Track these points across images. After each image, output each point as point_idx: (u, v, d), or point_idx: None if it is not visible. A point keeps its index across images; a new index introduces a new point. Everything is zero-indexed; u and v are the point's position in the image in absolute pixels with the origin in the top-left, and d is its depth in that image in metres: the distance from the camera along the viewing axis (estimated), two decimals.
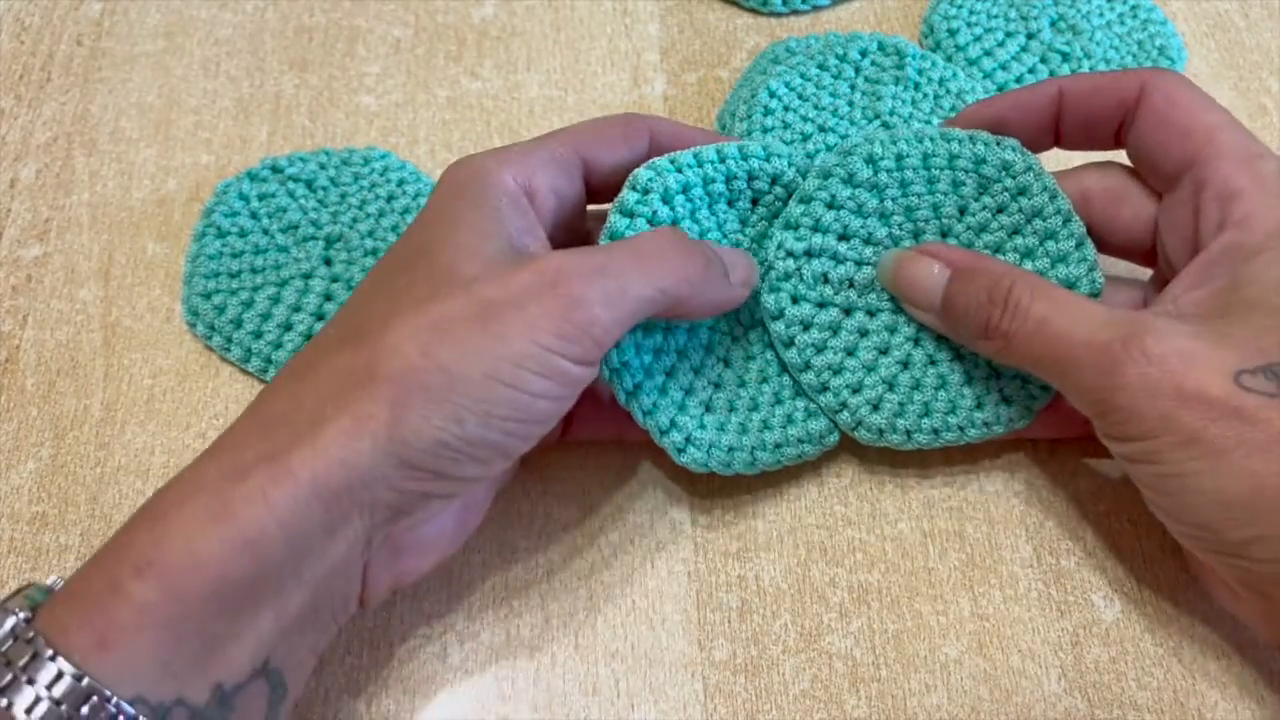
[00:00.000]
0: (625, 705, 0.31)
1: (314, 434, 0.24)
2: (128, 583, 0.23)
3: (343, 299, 0.37)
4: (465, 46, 0.45)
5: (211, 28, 0.45)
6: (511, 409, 0.25)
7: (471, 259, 0.26)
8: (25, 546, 0.33)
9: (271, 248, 0.38)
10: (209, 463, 0.25)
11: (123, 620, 0.23)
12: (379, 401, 0.24)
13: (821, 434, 0.33)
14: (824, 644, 0.32)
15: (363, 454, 0.24)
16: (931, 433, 0.32)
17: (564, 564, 0.33)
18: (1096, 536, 0.33)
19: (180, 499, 0.24)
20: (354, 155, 0.40)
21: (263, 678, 0.25)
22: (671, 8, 0.46)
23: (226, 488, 0.24)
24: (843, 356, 0.33)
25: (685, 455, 0.31)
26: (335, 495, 0.24)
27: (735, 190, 0.32)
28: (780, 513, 0.34)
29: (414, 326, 0.25)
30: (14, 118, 0.43)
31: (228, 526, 0.23)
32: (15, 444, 0.35)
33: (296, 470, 0.24)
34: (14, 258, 0.39)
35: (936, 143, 0.32)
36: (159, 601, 0.23)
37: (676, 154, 0.31)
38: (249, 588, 0.24)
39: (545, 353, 0.25)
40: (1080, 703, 0.31)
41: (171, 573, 0.23)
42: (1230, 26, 0.46)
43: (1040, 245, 0.32)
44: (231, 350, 0.36)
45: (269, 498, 0.24)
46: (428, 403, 0.24)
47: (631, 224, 0.30)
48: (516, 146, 0.30)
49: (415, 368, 0.24)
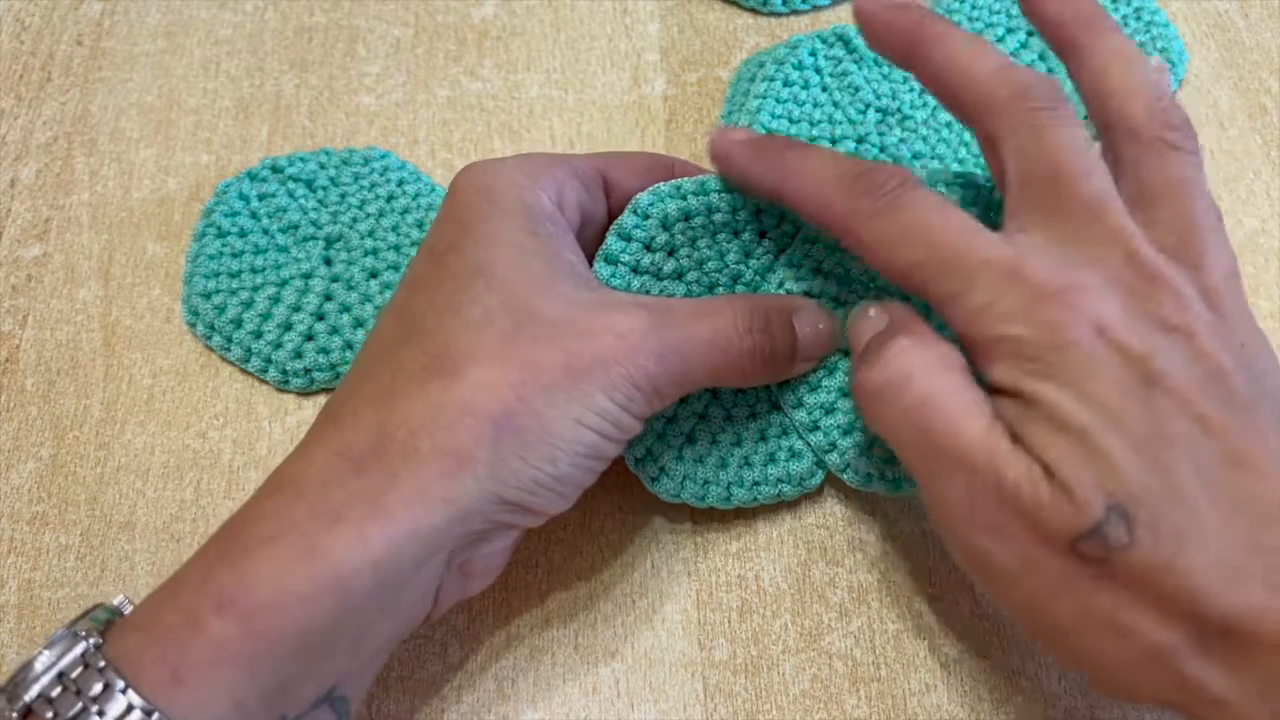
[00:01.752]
0: (625, 705, 0.31)
1: (412, 473, 0.24)
2: (207, 617, 0.23)
3: (343, 299, 0.37)
4: (465, 46, 0.45)
5: (211, 28, 0.45)
6: (591, 448, 0.26)
7: (551, 298, 0.27)
8: (25, 546, 0.33)
9: (271, 248, 0.38)
10: (295, 500, 0.24)
11: (198, 656, 0.22)
12: (480, 442, 0.25)
13: (803, 476, 0.32)
14: (824, 644, 0.32)
15: (466, 493, 0.24)
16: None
17: (564, 564, 0.33)
18: None
19: (268, 536, 0.24)
20: (354, 155, 0.40)
21: (327, 704, 0.25)
22: (671, 8, 0.46)
23: (319, 528, 0.24)
24: (836, 396, 0.32)
25: (658, 485, 0.32)
26: (435, 532, 0.24)
27: (741, 221, 0.32)
28: (780, 513, 0.34)
29: (505, 366, 0.25)
30: (14, 118, 0.43)
31: (316, 568, 0.23)
32: (15, 444, 0.35)
33: (395, 510, 0.24)
34: (14, 258, 0.39)
35: (953, 189, 0.31)
36: (238, 639, 0.22)
37: (681, 180, 0.31)
38: (332, 628, 0.23)
39: (617, 409, 0.26)
40: (1080, 703, 0.31)
41: (254, 611, 0.23)
42: (1230, 26, 0.46)
43: None
44: (231, 350, 0.36)
45: (366, 539, 0.23)
46: (524, 444, 0.25)
47: (627, 248, 0.30)
48: (540, 159, 0.30)
49: (513, 410, 0.25)
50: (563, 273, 0.28)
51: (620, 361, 0.26)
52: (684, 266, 0.31)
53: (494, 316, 0.26)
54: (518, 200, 0.28)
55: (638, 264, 0.31)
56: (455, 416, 0.25)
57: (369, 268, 0.37)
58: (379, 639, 0.25)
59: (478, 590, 0.28)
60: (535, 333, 0.26)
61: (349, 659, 0.25)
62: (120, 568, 0.33)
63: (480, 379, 0.25)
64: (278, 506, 0.25)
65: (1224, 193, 0.41)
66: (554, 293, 0.27)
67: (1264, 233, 0.40)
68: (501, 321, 0.26)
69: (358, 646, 0.25)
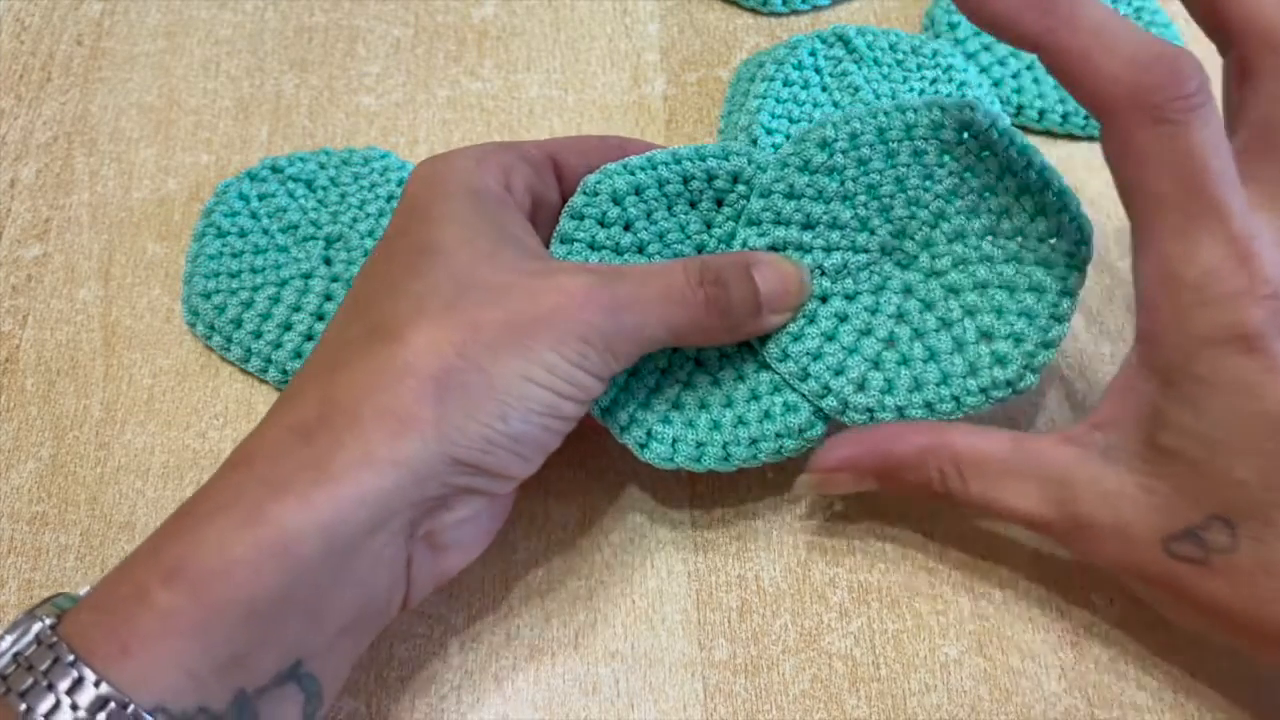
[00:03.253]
0: (625, 705, 0.31)
1: (356, 435, 0.24)
2: (154, 589, 0.23)
3: (343, 299, 0.37)
4: (465, 46, 0.45)
5: (211, 28, 0.45)
6: (545, 406, 0.26)
7: (495, 266, 0.27)
8: (25, 546, 0.33)
9: (271, 248, 0.38)
10: (244, 471, 0.25)
11: (147, 627, 0.22)
12: (423, 400, 0.25)
13: (802, 427, 0.32)
14: (824, 644, 0.32)
15: (414, 454, 0.24)
16: (925, 407, 0.31)
17: (564, 564, 0.33)
18: None
19: (214, 507, 0.24)
20: (354, 155, 0.40)
21: (294, 681, 0.24)
22: (671, 8, 0.46)
23: (262, 494, 0.24)
24: (821, 342, 0.32)
25: (648, 451, 0.31)
26: (383, 494, 0.24)
27: (695, 191, 0.32)
28: (780, 513, 0.34)
29: (446, 327, 0.25)
30: (14, 118, 0.43)
31: (262, 534, 0.23)
32: (15, 444, 0.35)
33: (340, 474, 0.24)
34: (14, 258, 0.39)
35: (891, 115, 0.31)
36: (186, 608, 0.23)
37: (630, 158, 0.31)
38: (282, 597, 0.23)
39: (569, 365, 0.26)
40: (1080, 703, 0.31)
41: (200, 579, 0.23)
42: None
43: (1016, 201, 0.31)
44: (231, 350, 0.36)
45: (311, 503, 0.23)
46: (470, 401, 0.25)
47: (580, 225, 0.31)
48: (488, 146, 0.30)
49: (454, 367, 0.25)
50: (507, 243, 0.28)
51: (567, 316, 0.26)
52: (643, 240, 0.32)
53: (437, 287, 0.26)
54: (463, 183, 0.29)
55: (593, 240, 0.31)
56: (396, 378, 0.25)
57: None
58: (340, 611, 0.25)
59: (456, 568, 0.28)
60: (478, 297, 0.26)
61: (307, 630, 0.24)
62: None
63: (420, 341, 0.25)
64: (226, 480, 0.25)
65: None
66: (499, 261, 0.27)
67: None
68: (445, 290, 0.26)
69: (316, 617, 0.24)
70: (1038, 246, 0.31)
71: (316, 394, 0.26)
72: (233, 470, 0.25)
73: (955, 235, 0.32)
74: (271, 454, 0.25)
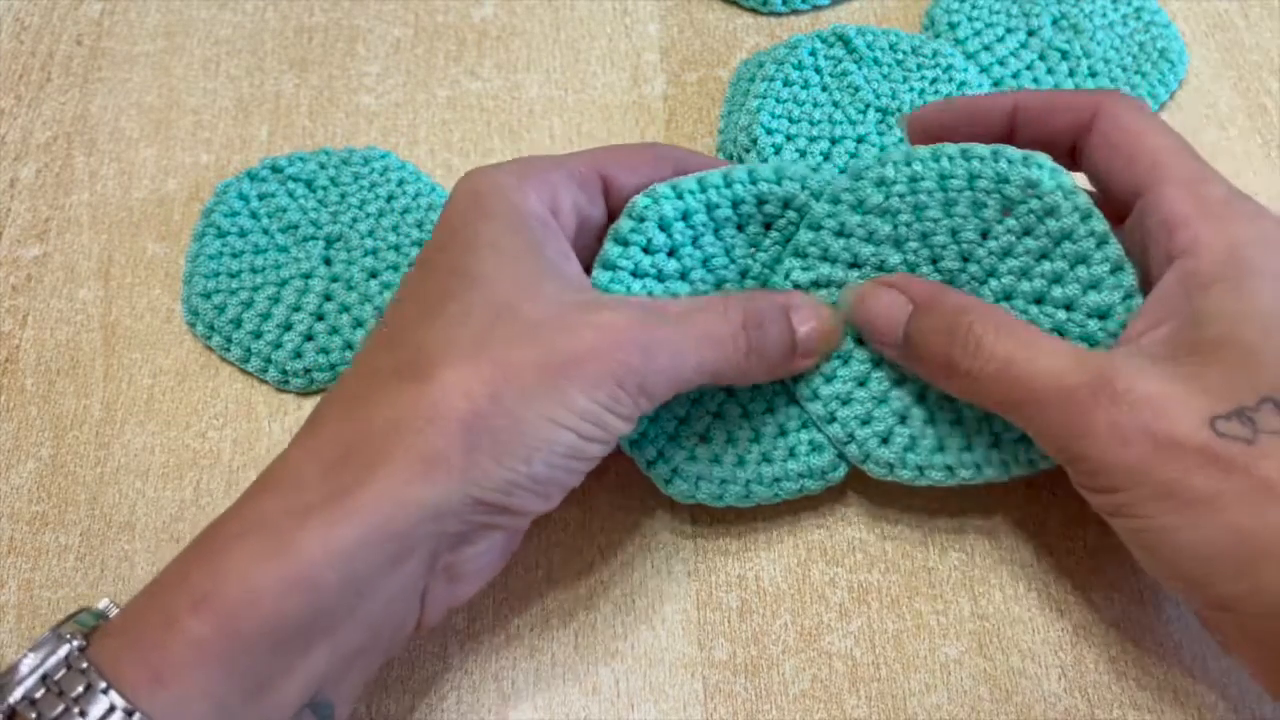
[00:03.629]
0: (625, 705, 0.31)
1: (381, 474, 0.24)
2: (184, 617, 0.23)
3: (343, 299, 0.37)
4: (465, 46, 0.45)
5: (211, 28, 0.45)
6: (569, 449, 0.26)
7: (533, 298, 0.26)
8: (25, 546, 0.33)
9: (271, 248, 0.38)
10: (269, 498, 0.25)
11: (178, 656, 0.22)
12: (452, 445, 0.24)
13: (825, 469, 0.32)
14: (824, 644, 0.32)
15: (437, 495, 0.24)
16: (945, 470, 0.31)
17: (564, 564, 0.33)
18: (1096, 536, 0.33)
19: (239, 533, 0.24)
20: (354, 155, 0.40)
21: (310, 709, 0.25)
22: (671, 8, 0.46)
23: (287, 525, 0.24)
24: (853, 387, 0.31)
25: (671, 487, 0.31)
26: (403, 533, 0.24)
27: (744, 215, 0.31)
28: (780, 513, 0.34)
29: (478, 366, 0.25)
30: (14, 118, 0.43)
31: (286, 564, 0.23)
32: (15, 444, 0.35)
33: (361, 511, 0.24)
34: (14, 258, 0.39)
35: (955, 161, 0.30)
36: (214, 638, 0.23)
37: (679, 179, 0.30)
38: (305, 626, 0.23)
39: (599, 409, 0.26)
40: (1080, 703, 0.31)
41: (228, 609, 0.23)
42: (1230, 26, 0.46)
43: (1071, 270, 0.29)
44: (231, 350, 0.36)
45: (330, 538, 0.23)
46: (497, 446, 0.25)
47: (625, 252, 0.30)
48: (536, 161, 0.30)
49: (484, 412, 0.25)
50: (548, 274, 0.27)
51: (600, 357, 0.26)
52: (687, 266, 0.31)
53: (471, 314, 0.26)
54: (504, 202, 0.28)
55: (637, 267, 0.30)
56: (426, 419, 0.25)
57: (369, 268, 0.37)
58: (360, 641, 0.25)
59: (469, 595, 0.28)
60: (511, 331, 0.26)
61: (329, 660, 0.24)
62: (120, 568, 0.33)
63: (451, 380, 0.25)
64: (251, 507, 0.25)
65: None
66: (537, 292, 0.27)
67: None
68: (478, 320, 0.26)
69: (337, 646, 0.24)
70: (1085, 322, 0.29)
71: (345, 425, 0.25)
72: (258, 495, 0.25)
73: (1003, 295, 0.31)
74: (297, 482, 0.25)
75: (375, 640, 0.26)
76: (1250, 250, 0.26)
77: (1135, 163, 0.29)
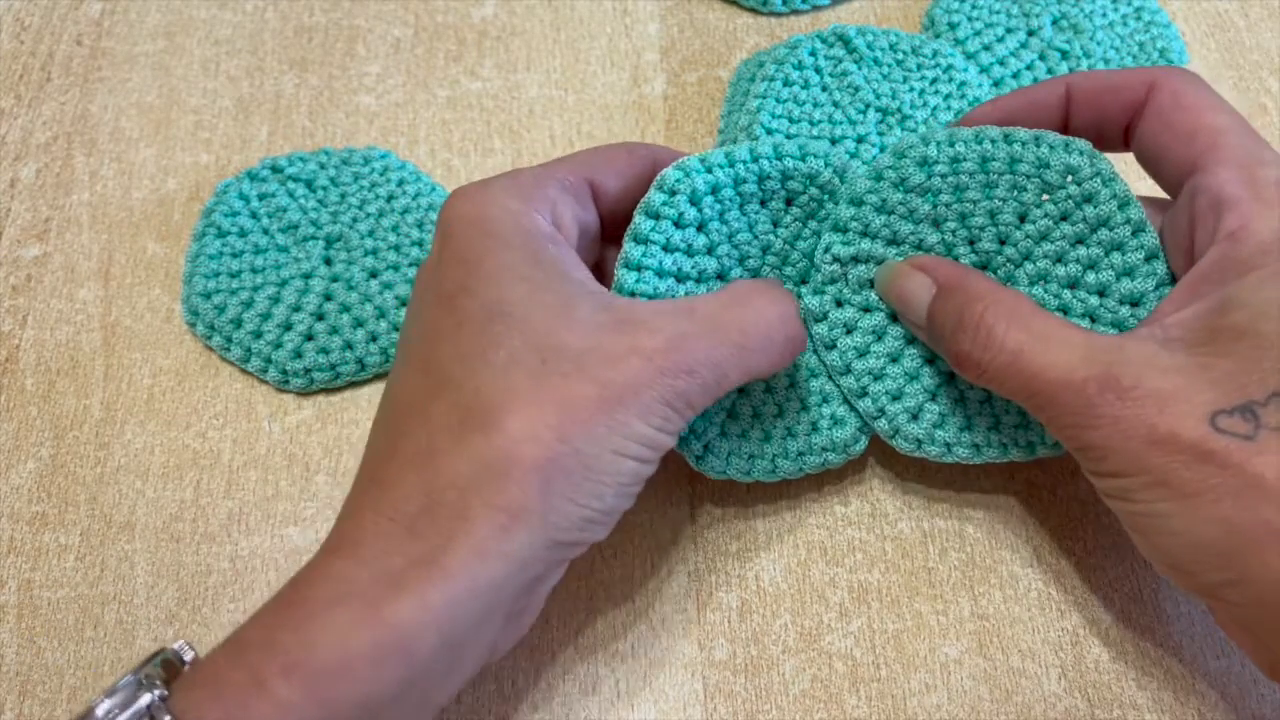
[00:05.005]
0: (625, 705, 0.31)
1: (466, 532, 0.24)
2: (272, 680, 0.22)
3: (343, 299, 0.37)
4: (465, 46, 0.45)
5: (211, 28, 0.45)
6: (633, 477, 0.26)
7: (571, 327, 0.26)
8: (25, 546, 0.33)
9: (271, 248, 0.38)
10: (351, 562, 0.24)
11: (262, 717, 0.22)
12: (529, 492, 0.24)
13: (847, 442, 0.32)
14: (824, 644, 0.32)
15: (522, 545, 0.24)
16: (972, 447, 0.31)
17: None
18: (1096, 536, 0.33)
19: (331, 600, 0.24)
20: (354, 155, 0.40)
21: None
22: (671, 8, 0.46)
23: (380, 592, 0.23)
24: (885, 362, 0.32)
25: (704, 463, 0.31)
26: (494, 587, 0.24)
27: (768, 190, 0.31)
28: (780, 513, 0.34)
29: (542, 410, 0.25)
30: (14, 118, 0.43)
31: (383, 632, 0.23)
32: (15, 444, 0.35)
33: (454, 571, 0.24)
34: (14, 258, 0.39)
35: (997, 144, 0.31)
36: (302, 704, 0.22)
37: (707, 153, 0.30)
38: (398, 693, 0.23)
39: (654, 432, 0.26)
40: (1080, 703, 0.31)
41: (320, 676, 0.23)
42: (1230, 26, 0.46)
43: (1105, 256, 0.30)
44: (231, 350, 0.36)
45: (428, 602, 0.23)
46: (570, 485, 0.25)
47: (657, 225, 0.30)
48: (526, 177, 0.29)
49: (555, 454, 0.25)
50: (577, 297, 0.27)
51: (651, 385, 0.26)
52: (714, 240, 0.31)
53: (519, 357, 0.26)
54: (515, 227, 0.28)
55: (668, 241, 0.30)
56: (502, 470, 0.24)
57: (369, 268, 0.37)
58: (446, 699, 0.25)
59: (528, 628, 0.28)
60: (563, 368, 0.26)
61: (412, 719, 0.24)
62: (120, 568, 0.33)
63: (518, 428, 0.25)
64: (337, 570, 0.24)
65: None
66: (573, 320, 0.27)
67: None
68: (527, 361, 0.26)
69: (424, 708, 0.25)
70: (1117, 309, 0.30)
71: (418, 483, 0.25)
72: (337, 558, 0.25)
73: (1037, 278, 0.31)
74: (378, 546, 0.24)
75: (455, 693, 0.26)
76: None
77: (1192, 140, 0.29)
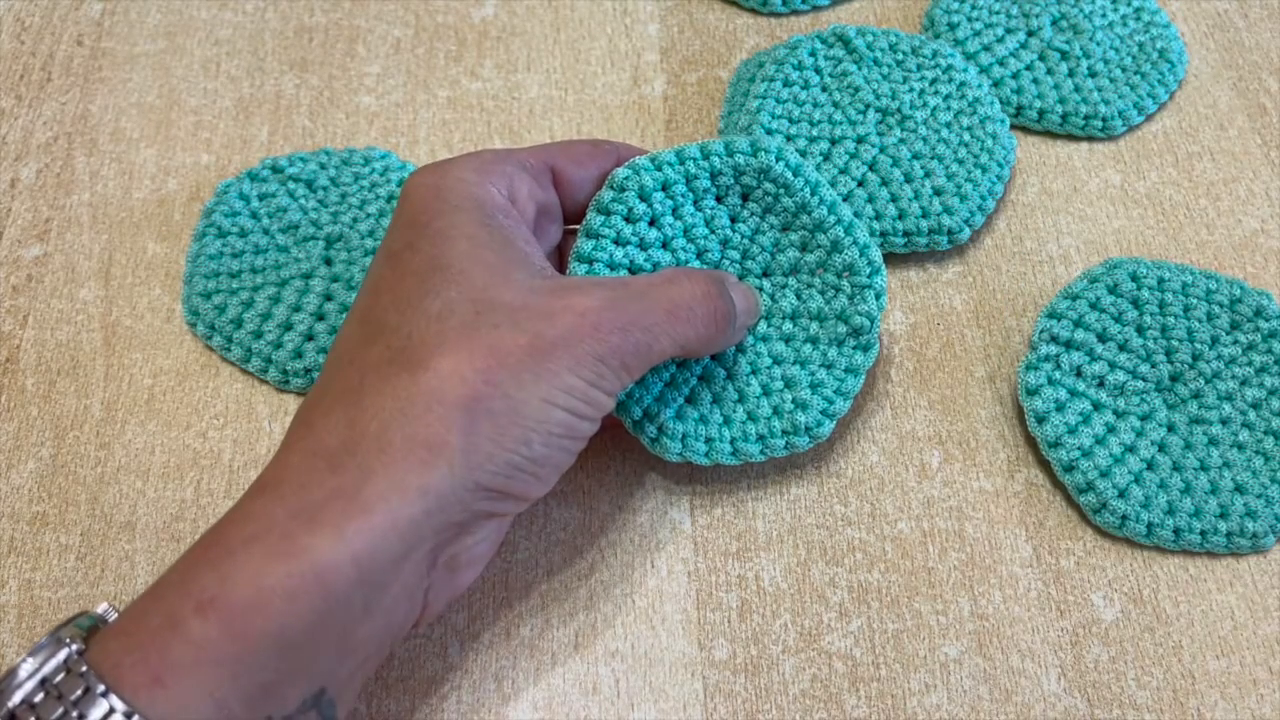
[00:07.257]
0: (625, 705, 0.31)
1: (385, 464, 0.24)
2: (188, 619, 0.23)
3: (343, 299, 0.37)
4: (465, 46, 0.45)
5: (211, 28, 0.45)
6: (565, 428, 0.27)
7: (509, 286, 0.27)
8: (25, 546, 0.33)
9: (272, 248, 0.38)
10: (274, 500, 0.25)
11: (179, 657, 0.22)
12: (451, 428, 0.25)
13: (809, 426, 0.32)
14: (824, 644, 0.32)
15: (441, 481, 0.24)
16: (1174, 533, 0.33)
17: (564, 564, 0.33)
18: (1096, 536, 0.33)
19: (246, 537, 0.24)
20: (354, 155, 0.40)
21: (315, 709, 0.24)
22: (671, 8, 0.46)
23: (295, 526, 0.24)
24: (1092, 443, 0.34)
25: (658, 445, 0.32)
26: (413, 523, 0.24)
27: (722, 186, 0.32)
28: (780, 513, 0.34)
29: (471, 353, 0.25)
30: (14, 118, 0.43)
31: (297, 566, 0.23)
32: (15, 444, 0.35)
33: (372, 504, 0.24)
34: (14, 258, 0.39)
35: (1196, 276, 0.36)
36: (219, 639, 0.22)
37: (659, 152, 0.32)
38: (314, 626, 0.23)
39: (587, 385, 0.27)
40: (1080, 703, 0.31)
41: (234, 610, 0.23)
42: (1230, 26, 0.46)
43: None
44: (231, 350, 0.36)
45: (345, 534, 0.23)
46: (496, 427, 0.25)
47: (607, 221, 0.31)
48: (487, 155, 0.30)
49: (481, 394, 0.25)
50: (518, 262, 0.28)
51: (583, 337, 0.27)
52: (669, 235, 0.32)
53: (454, 307, 0.26)
54: (468, 196, 0.29)
55: (619, 235, 0.31)
56: (424, 406, 0.25)
57: (369, 268, 0.37)
58: (366, 639, 0.25)
59: (467, 585, 0.28)
60: (496, 319, 0.26)
61: (335, 660, 0.24)
62: (120, 568, 0.33)
63: (446, 367, 0.25)
64: (257, 508, 0.25)
65: (1224, 193, 0.41)
66: (511, 280, 0.27)
67: (1264, 233, 0.40)
68: (462, 311, 0.26)
69: (344, 647, 0.24)
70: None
71: (342, 419, 0.25)
72: (260, 496, 0.25)
73: (1226, 396, 0.35)
74: (299, 481, 0.25)
75: (381, 638, 0.26)
76: None
77: None
